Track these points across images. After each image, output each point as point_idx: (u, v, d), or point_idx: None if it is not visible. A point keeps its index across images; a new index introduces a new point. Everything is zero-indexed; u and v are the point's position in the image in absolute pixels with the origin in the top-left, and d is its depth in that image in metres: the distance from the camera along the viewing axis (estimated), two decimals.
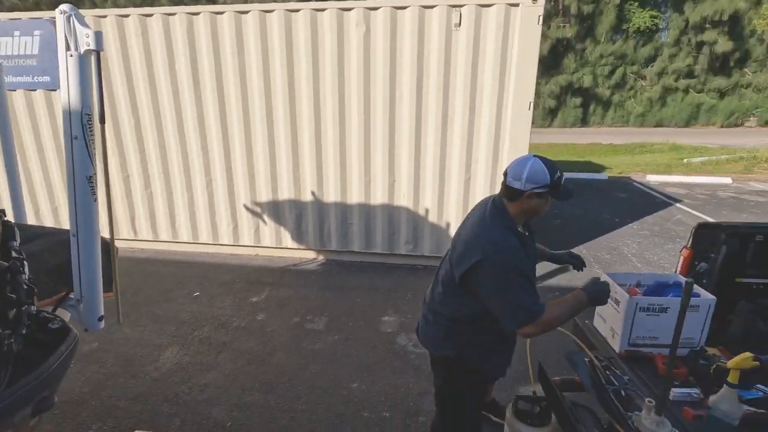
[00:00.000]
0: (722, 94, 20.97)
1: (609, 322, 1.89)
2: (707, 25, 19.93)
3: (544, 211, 1.66)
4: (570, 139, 15.35)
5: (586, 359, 1.75)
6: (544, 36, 19.87)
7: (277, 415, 2.54)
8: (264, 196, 4.74)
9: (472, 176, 4.32)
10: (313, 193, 4.65)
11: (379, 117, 4.30)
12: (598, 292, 1.60)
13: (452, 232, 4.45)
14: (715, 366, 1.58)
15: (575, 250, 5.04)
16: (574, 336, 1.97)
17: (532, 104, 4.01)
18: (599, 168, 10.46)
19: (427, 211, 4.51)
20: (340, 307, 3.81)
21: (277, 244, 4.88)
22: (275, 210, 4.76)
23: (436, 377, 1.89)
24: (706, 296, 1.73)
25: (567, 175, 8.61)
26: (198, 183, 4.78)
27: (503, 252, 1.55)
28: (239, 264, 4.77)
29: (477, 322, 1.68)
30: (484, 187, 4.32)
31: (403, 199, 4.50)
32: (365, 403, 2.64)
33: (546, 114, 21.02)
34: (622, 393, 1.52)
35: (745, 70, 21.13)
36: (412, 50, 4.07)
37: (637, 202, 7.59)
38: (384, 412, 2.56)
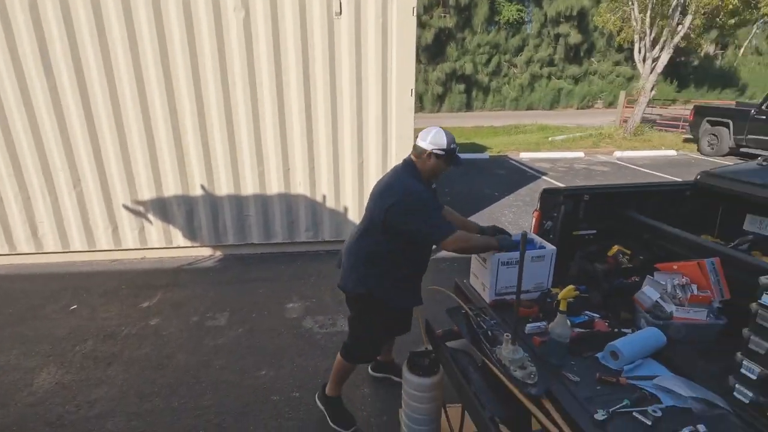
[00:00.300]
0: (576, 80, 24.37)
1: (480, 278, 2.21)
2: (561, 19, 22.86)
3: (441, 172, 2.08)
4: (457, 123, 16.55)
5: (462, 311, 2.03)
6: (427, 25, 21.03)
7: (182, 415, 2.47)
8: (147, 193, 4.37)
9: (365, 161, 4.52)
10: (203, 187, 4.43)
11: (267, 105, 4.23)
12: (507, 241, 2.05)
13: (350, 216, 4.63)
14: (556, 301, 1.97)
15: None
16: (454, 295, 2.26)
17: (413, 91, 4.30)
18: (482, 148, 11.51)
19: (324, 197, 4.60)
20: (242, 301, 3.75)
21: (166, 244, 4.56)
22: (161, 207, 4.43)
23: (350, 311, 2.30)
24: (549, 247, 2.12)
25: None
26: (62, 183, 4.22)
27: (413, 193, 1.97)
28: (124, 269, 4.37)
29: (386, 262, 2.09)
30: (377, 170, 4.54)
31: (300, 187, 4.52)
32: (274, 388, 2.69)
33: (435, 100, 22.30)
34: (489, 333, 1.81)
35: (592, 59, 24.81)
36: (296, 37, 4.07)
37: (512, 177, 8.58)
38: (293, 393, 2.65)
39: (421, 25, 20.39)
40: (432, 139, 1.99)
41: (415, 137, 2.13)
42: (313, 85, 4.23)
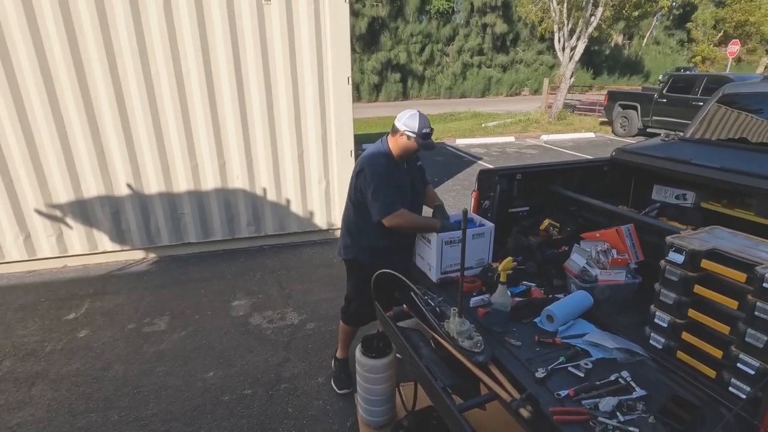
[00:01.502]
0: (504, 68, 25.57)
1: (426, 258, 2.28)
2: (488, 9, 23.78)
3: (412, 152, 2.19)
4: (395, 112, 16.66)
5: (411, 292, 2.09)
6: (361, 14, 20.89)
7: (123, 428, 2.32)
8: (63, 195, 3.97)
9: (305, 151, 4.44)
10: (129, 186, 4.10)
11: (196, 95, 4.00)
12: (448, 225, 2.14)
13: (293, 207, 4.55)
14: (497, 275, 2.09)
15: None
16: (402, 276, 2.31)
17: (350, 79, 4.28)
18: None
19: (264, 190, 4.46)
20: (183, 303, 3.56)
21: (91, 250, 4.18)
22: (82, 211, 4.05)
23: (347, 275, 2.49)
24: (488, 224, 2.24)
25: None
26: None
27: (374, 164, 2.13)
28: (42, 281, 3.96)
29: (365, 232, 2.26)
30: (318, 160, 4.49)
31: (238, 181, 4.35)
32: (224, 388, 2.60)
33: (372, 89, 22.32)
34: (437, 310, 1.89)
35: (518, 49, 26.13)
36: (224, 24, 3.87)
37: (449, 162, 8.87)
38: (245, 390, 2.58)
39: (354, 13, 20.20)
40: (406, 121, 2.13)
41: (355, 126, 2.20)
42: (245, 74, 4.06)
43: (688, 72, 17.51)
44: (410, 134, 2.12)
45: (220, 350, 2.95)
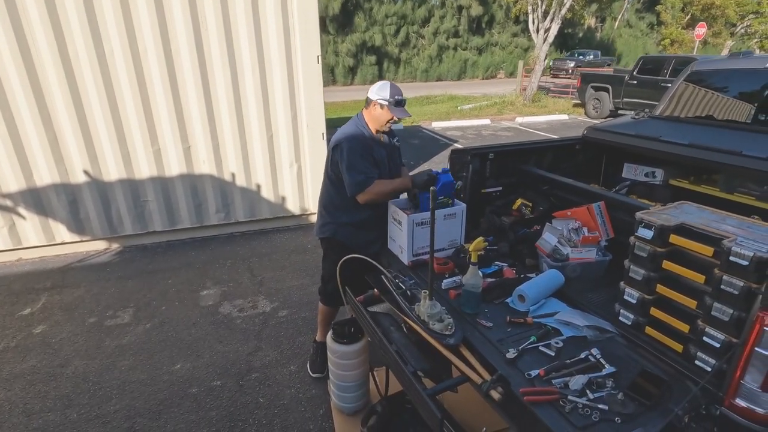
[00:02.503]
0: (480, 51, 25.50)
1: (397, 240, 2.22)
2: None
3: (387, 122, 2.16)
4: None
5: (381, 276, 2.03)
6: None
7: (83, 427, 2.21)
8: (13, 184, 3.71)
9: (274, 134, 4.28)
10: (86, 173, 3.87)
11: (155, 76, 3.77)
12: (420, 176, 2.09)
13: (264, 192, 4.41)
14: (469, 256, 2.06)
15: None
16: (372, 260, 2.25)
17: (319, 58, 4.12)
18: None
19: (233, 175, 4.30)
20: (149, 294, 3.41)
21: (48, 241, 3.95)
22: (35, 200, 3.81)
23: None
24: (459, 204, 2.19)
25: None
26: None
27: (350, 139, 2.11)
28: None
29: (342, 207, 2.22)
30: (289, 143, 4.34)
31: (204, 166, 4.17)
32: (192, 380, 2.51)
33: (347, 72, 21.91)
34: (408, 293, 1.84)
35: (493, 31, 26.06)
36: None
37: (426, 145, 8.81)
38: (214, 382, 2.49)
39: None
40: (377, 91, 2.12)
41: (329, 110, 2.14)
42: (208, 52, 3.85)
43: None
44: (383, 102, 2.11)
45: (188, 341, 2.85)
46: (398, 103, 2.13)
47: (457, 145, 8.71)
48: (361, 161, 2.10)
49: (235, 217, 4.43)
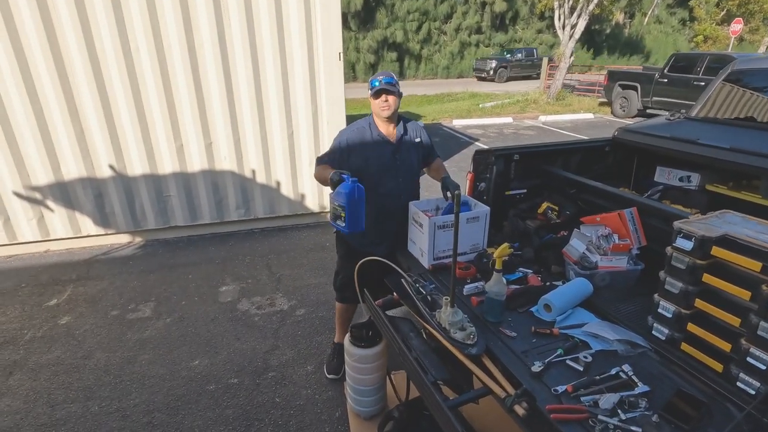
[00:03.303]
0: (503, 48, 25.06)
1: (418, 243, 2.17)
2: None
3: (381, 110, 2.09)
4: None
5: (401, 279, 1.99)
6: None
7: (104, 419, 2.24)
8: (42, 177, 3.81)
9: (295, 130, 4.27)
10: (112, 168, 3.94)
11: (179, 72, 3.80)
12: (335, 174, 1.91)
13: (283, 189, 4.41)
14: (492, 261, 1.99)
15: None
16: (391, 263, 2.21)
17: (341, 55, 4.09)
18: (416, 117, 11.52)
19: (253, 171, 4.31)
20: (170, 288, 3.46)
21: (74, 234, 4.05)
22: (63, 193, 3.90)
23: None
24: (482, 207, 2.13)
25: None
26: None
27: (347, 127, 2.20)
28: (22, 266, 3.83)
29: None
30: (308, 141, 4.33)
31: (225, 162, 4.19)
32: (210, 377, 2.52)
33: (368, 68, 21.86)
34: (429, 298, 1.79)
35: (517, 27, 25.58)
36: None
37: (446, 143, 8.70)
38: (231, 380, 2.50)
39: None
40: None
41: (350, 107, 2.15)
42: (231, 49, 3.86)
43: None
44: (369, 92, 2.11)
45: (206, 337, 2.86)
46: (373, 84, 2.09)
47: (479, 144, 8.58)
48: (335, 149, 2.15)
49: (255, 213, 4.45)
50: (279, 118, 4.17)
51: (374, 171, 2.15)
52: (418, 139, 2.28)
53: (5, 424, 2.20)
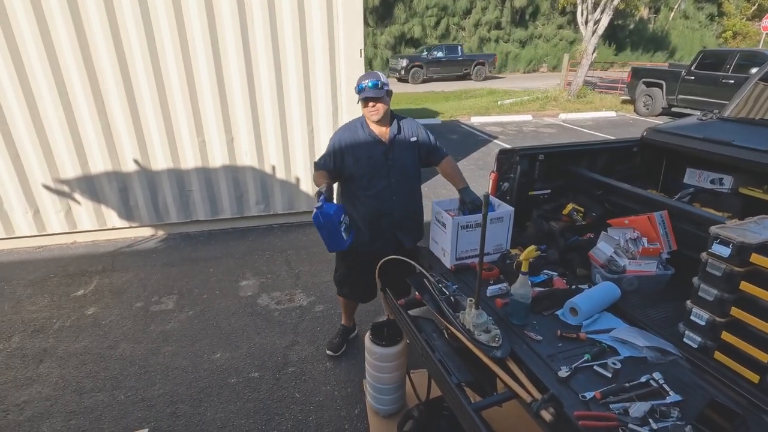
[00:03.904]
0: (523, 44, 24.67)
1: (440, 243, 2.16)
2: None
3: (371, 115, 2.07)
4: (409, 89, 16.32)
5: (424, 279, 1.98)
6: None
7: (130, 408, 2.30)
8: (70, 171, 3.91)
9: (315, 127, 4.29)
10: (136, 162, 4.02)
11: (202, 68, 3.85)
12: (316, 195, 1.97)
13: (303, 186, 4.44)
14: (516, 262, 1.97)
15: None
16: (413, 262, 2.20)
17: (362, 51, 4.08)
18: (434, 114, 11.45)
19: (273, 168, 4.35)
20: (191, 282, 3.52)
21: (100, 226, 4.15)
22: (89, 186, 4.00)
23: None
24: (506, 208, 2.10)
25: None
26: None
27: (338, 131, 2.21)
28: (51, 256, 3.95)
29: (344, 199, 2.28)
30: (329, 136, 4.28)
31: (246, 158, 4.23)
32: (231, 370, 2.56)
33: (384, 65, 21.76)
34: (452, 299, 1.78)
35: (537, 23, 25.13)
36: None
37: (464, 141, 8.63)
38: (252, 374, 2.53)
39: None
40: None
41: None
42: (253, 46, 3.89)
43: None
44: (358, 96, 2.07)
45: (227, 331, 2.91)
46: (360, 89, 2.05)
47: (497, 142, 8.48)
48: (329, 151, 2.16)
49: (274, 209, 4.49)
50: (299, 114, 4.19)
51: (366, 172, 2.14)
52: (413, 138, 2.21)
53: (37, 410, 2.28)
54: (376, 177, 2.15)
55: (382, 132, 2.16)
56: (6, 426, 2.18)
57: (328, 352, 2.66)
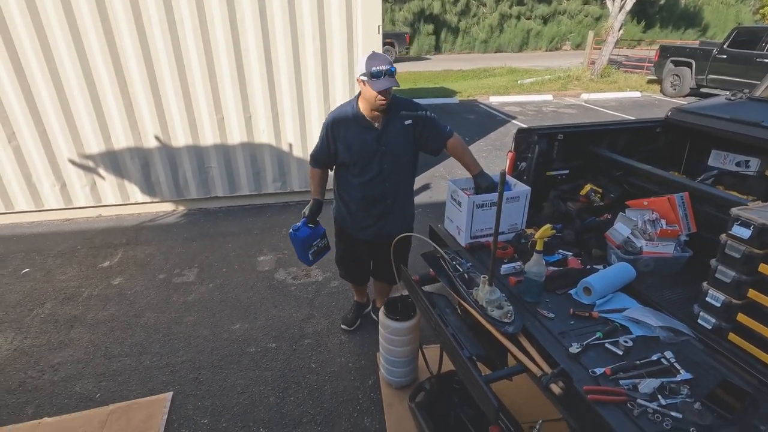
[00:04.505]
0: (545, 20, 23.81)
1: (455, 221, 2.17)
2: None
3: (374, 99, 1.91)
4: (426, 67, 16.04)
5: (438, 255, 2.01)
6: None
7: (155, 373, 2.42)
8: (94, 146, 4.02)
9: (332, 105, 4.28)
10: (157, 138, 4.10)
11: (220, 45, 3.86)
12: (310, 214, 2.22)
13: None
14: (530, 242, 1.97)
15: (435, 169, 5.52)
16: (429, 239, 2.22)
17: (380, 28, 4.02)
18: (451, 93, 11.26)
19: (290, 145, 4.38)
20: (211, 256, 3.62)
21: (123, 201, 4.28)
22: (113, 162, 4.11)
23: None
24: (523, 187, 2.09)
25: (424, 101, 9.00)
26: None
27: (330, 114, 2.10)
28: (78, 229, 4.10)
29: (336, 186, 2.29)
30: None
31: (264, 136, 4.27)
32: (250, 340, 2.66)
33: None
34: (466, 276, 1.80)
35: None
36: None
37: (482, 121, 8.49)
38: (270, 344, 2.63)
39: None
40: (360, 66, 1.91)
41: None
42: (271, 24, 3.87)
43: None
44: (363, 78, 1.88)
45: (246, 304, 3.01)
46: (376, 74, 1.84)
47: (516, 122, 8.32)
48: (321, 141, 2.13)
49: (291, 186, 4.55)
50: (316, 92, 4.18)
51: (357, 158, 2.06)
52: (408, 122, 2.08)
53: (69, 372, 2.42)
54: (370, 163, 2.08)
55: (375, 116, 2.03)
56: (42, 384, 2.33)
57: (342, 326, 2.74)
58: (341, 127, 2.06)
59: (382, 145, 2.07)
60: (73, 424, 2.08)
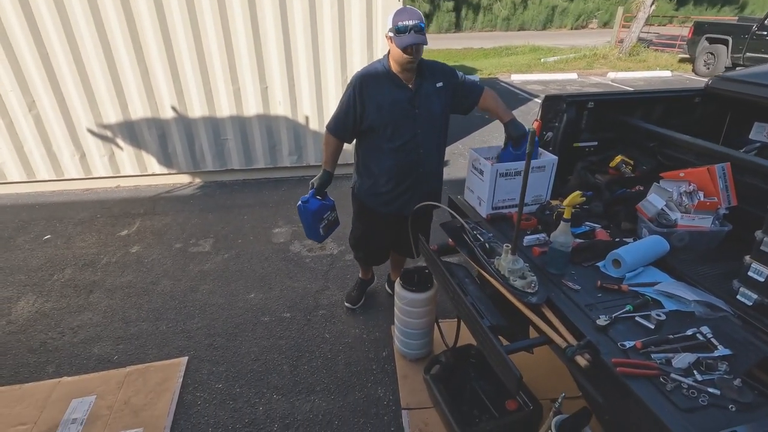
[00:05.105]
0: None
1: (476, 191, 2.09)
2: None
3: (400, 56, 1.79)
4: (446, 45, 15.60)
5: (458, 225, 1.93)
6: None
7: (171, 338, 2.44)
8: (112, 116, 4.01)
9: (349, 75, 4.15)
10: (174, 109, 4.07)
11: (237, 14, 3.76)
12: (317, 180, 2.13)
13: None
14: (555, 213, 1.88)
15: (454, 146, 5.38)
16: (449, 208, 2.15)
17: (403, 1, 3.86)
18: (472, 71, 10.94)
19: (307, 118, 4.31)
20: (227, 227, 3.62)
21: (141, 172, 4.30)
22: (130, 132, 4.11)
23: None
24: (549, 156, 1.99)
25: None
26: (15, 106, 3.83)
27: (358, 73, 1.94)
28: (97, 199, 4.15)
29: (360, 161, 2.16)
30: None
31: (280, 107, 4.20)
32: (264, 310, 2.65)
33: None
34: (487, 246, 1.73)
35: None
36: None
37: (503, 99, 8.18)
38: (284, 314, 2.62)
39: None
40: (388, 20, 1.78)
41: None
42: None
43: None
44: (390, 34, 1.77)
45: (261, 274, 3.00)
46: (401, 30, 1.72)
47: (538, 101, 8.05)
48: (346, 103, 1.94)
49: (307, 160, 4.49)
50: (334, 64, 4.07)
51: (389, 121, 1.92)
52: (439, 84, 1.97)
53: (89, 334, 2.46)
54: (402, 127, 1.95)
55: (408, 77, 1.91)
56: (62, 346, 2.37)
57: (346, 304, 2.64)
58: (371, 85, 1.89)
59: (416, 108, 1.94)
60: (91, 383, 2.11)
